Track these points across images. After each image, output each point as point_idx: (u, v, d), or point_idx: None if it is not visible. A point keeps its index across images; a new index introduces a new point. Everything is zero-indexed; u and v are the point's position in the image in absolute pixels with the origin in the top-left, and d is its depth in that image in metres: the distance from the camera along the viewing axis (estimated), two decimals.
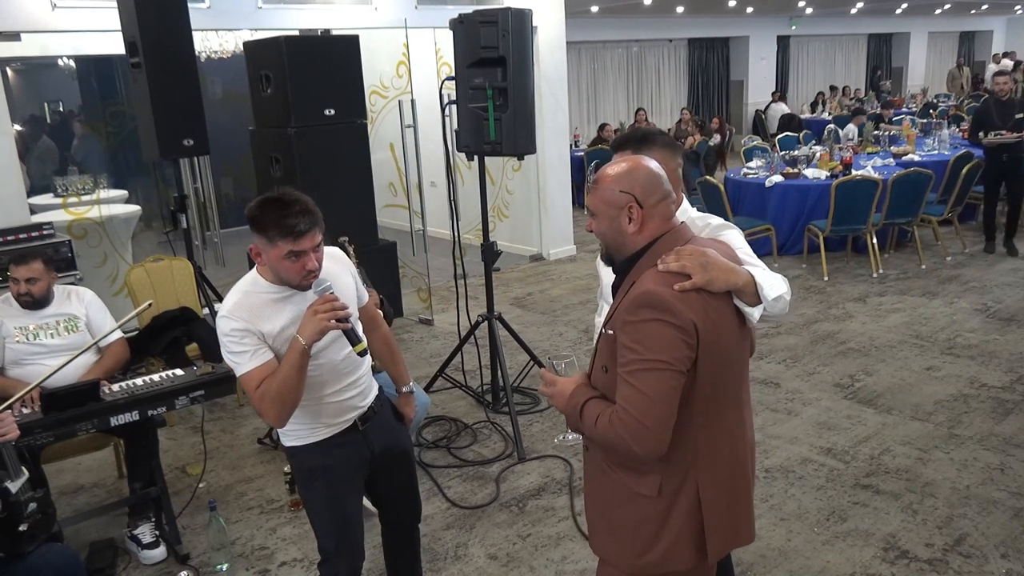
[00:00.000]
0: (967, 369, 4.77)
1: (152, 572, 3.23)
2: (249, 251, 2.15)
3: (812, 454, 3.87)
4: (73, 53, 7.96)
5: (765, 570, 3.03)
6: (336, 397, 2.28)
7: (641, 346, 1.61)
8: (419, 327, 6.12)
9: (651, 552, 1.75)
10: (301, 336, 2.04)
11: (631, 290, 1.69)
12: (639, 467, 1.73)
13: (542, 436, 4.22)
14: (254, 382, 2.09)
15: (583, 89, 15.25)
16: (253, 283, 2.17)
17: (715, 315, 1.66)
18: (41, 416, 2.84)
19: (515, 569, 3.12)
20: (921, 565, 3.00)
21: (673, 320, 1.60)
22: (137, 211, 6.28)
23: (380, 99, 6.83)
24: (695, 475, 1.73)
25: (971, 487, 3.51)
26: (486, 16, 3.82)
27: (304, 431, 2.28)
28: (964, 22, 21.75)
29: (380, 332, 2.56)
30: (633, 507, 1.76)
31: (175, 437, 4.41)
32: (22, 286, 3.32)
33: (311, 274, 2.10)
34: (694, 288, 1.63)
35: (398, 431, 2.51)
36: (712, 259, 1.67)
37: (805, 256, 7.17)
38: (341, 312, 2.06)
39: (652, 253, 1.72)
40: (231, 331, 2.09)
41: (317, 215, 2.09)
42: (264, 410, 2.11)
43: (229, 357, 2.13)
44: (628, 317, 1.65)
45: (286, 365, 2.06)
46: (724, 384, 1.75)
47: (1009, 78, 6.88)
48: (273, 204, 2.05)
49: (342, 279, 2.27)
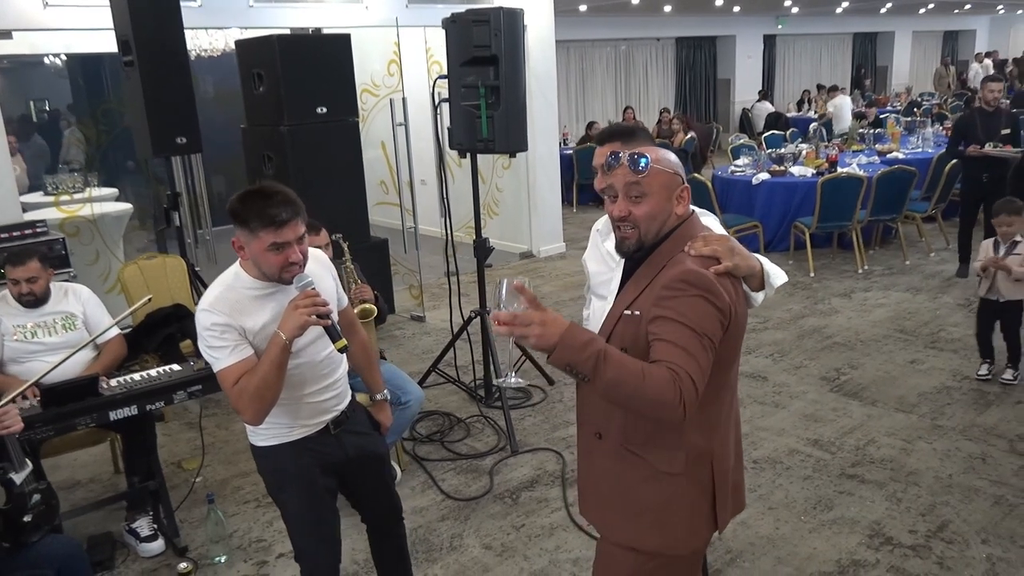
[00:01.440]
0: (950, 362, 4.87)
1: (151, 564, 3.27)
2: (232, 244, 2.11)
3: (799, 445, 3.95)
4: (63, 51, 7.94)
5: (754, 557, 3.10)
6: (314, 398, 2.26)
7: (688, 320, 1.62)
8: (411, 324, 6.16)
9: (679, 528, 1.79)
10: (282, 331, 2.02)
11: (663, 271, 1.71)
12: (665, 443, 1.75)
13: (534, 430, 4.28)
14: (232, 378, 2.06)
15: (571, 88, 15.33)
16: (235, 277, 2.15)
17: (739, 299, 1.75)
18: (40, 411, 2.87)
19: (510, 559, 3.18)
20: (905, 551, 3.08)
21: (716, 301, 1.66)
22: (129, 209, 6.29)
23: (371, 97, 6.88)
24: (711, 450, 1.79)
25: (953, 476, 3.59)
26: (479, 15, 3.87)
27: (279, 431, 2.25)
28: (948, 21, 21.98)
29: (358, 338, 2.52)
30: (657, 487, 1.77)
31: (170, 433, 4.44)
32: (23, 286, 3.33)
33: (294, 266, 2.07)
34: (725, 271, 1.70)
35: (372, 436, 2.49)
36: (736, 246, 1.75)
37: (792, 252, 7.27)
38: (322, 308, 2.04)
39: (674, 239, 1.76)
40: (212, 325, 2.06)
41: (299, 206, 2.07)
42: (242, 407, 2.07)
43: (208, 352, 2.09)
44: (670, 293, 1.65)
45: (266, 361, 2.03)
46: (734, 364, 1.83)
47: (1001, 86, 6.14)
48: (254, 196, 2.04)
49: (324, 281, 2.26)
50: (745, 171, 7.86)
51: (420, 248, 6.25)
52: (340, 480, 2.39)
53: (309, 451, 2.27)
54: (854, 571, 2.98)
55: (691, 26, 16.48)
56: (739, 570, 3.03)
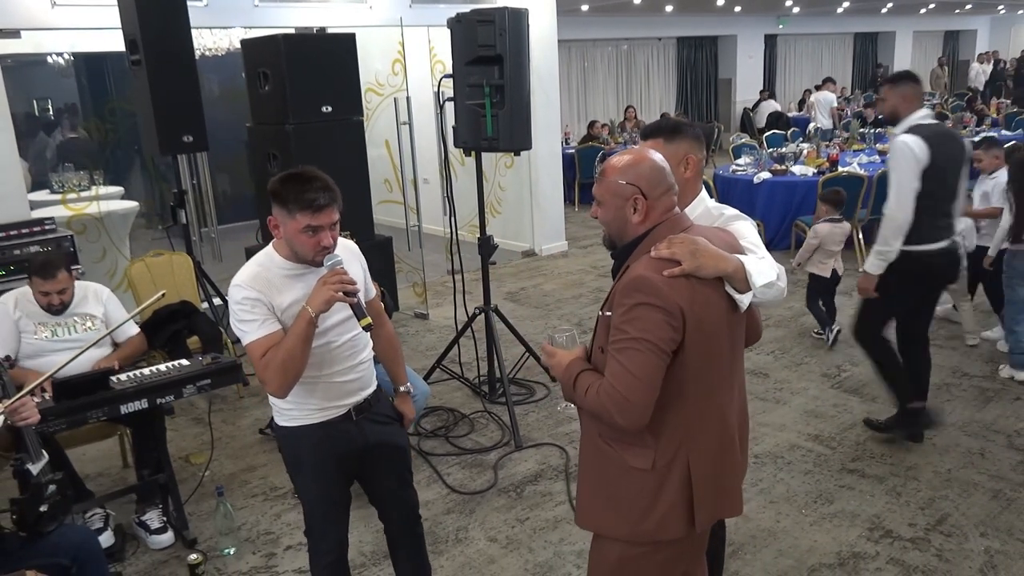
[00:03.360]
0: (950, 359, 4.91)
1: (161, 556, 3.32)
2: (267, 222, 2.21)
3: (800, 440, 4.00)
4: (68, 50, 7.99)
5: (755, 549, 3.14)
6: (337, 378, 2.32)
7: (629, 326, 1.72)
8: (415, 321, 6.21)
9: (646, 521, 1.85)
10: (309, 306, 2.11)
11: (625, 274, 1.79)
12: (633, 442, 1.83)
13: (538, 425, 4.32)
14: (260, 350, 2.15)
15: (573, 87, 15.37)
16: (269, 257, 2.24)
17: (703, 300, 1.76)
18: (53, 404, 2.92)
19: (515, 551, 3.22)
20: (904, 544, 3.13)
21: (660, 303, 1.70)
22: (135, 207, 6.34)
23: (376, 96, 6.91)
24: (686, 451, 1.83)
25: (952, 470, 3.64)
26: (484, 15, 3.91)
27: (301, 412, 2.32)
28: (949, 21, 22.01)
29: (384, 330, 2.60)
30: (628, 480, 1.86)
31: (177, 428, 4.48)
32: (54, 298, 3.38)
33: (325, 250, 2.16)
34: (683, 274, 1.73)
35: (393, 426, 2.53)
36: (702, 247, 1.75)
37: (793, 251, 7.29)
38: (349, 287, 2.13)
39: (648, 240, 1.81)
40: (243, 299, 2.15)
41: (337, 193, 2.17)
42: (267, 379, 2.16)
43: (238, 325, 2.18)
44: (620, 299, 1.76)
45: (292, 334, 2.12)
46: (713, 367, 1.84)
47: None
48: (295, 179, 2.13)
49: (352, 266, 2.33)
50: (746, 170, 7.91)
51: (423, 246, 6.29)
52: (359, 467, 2.45)
53: (329, 435, 2.34)
54: (854, 563, 3.03)
55: (692, 26, 16.52)
56: (741, 562, 3.07)
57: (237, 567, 3.22)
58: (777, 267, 1.91)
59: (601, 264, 7.36)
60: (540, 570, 3.10)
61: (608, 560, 1.95)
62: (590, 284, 6.97)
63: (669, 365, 1.74)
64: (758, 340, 2.09)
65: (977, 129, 9.97)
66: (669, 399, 1.77)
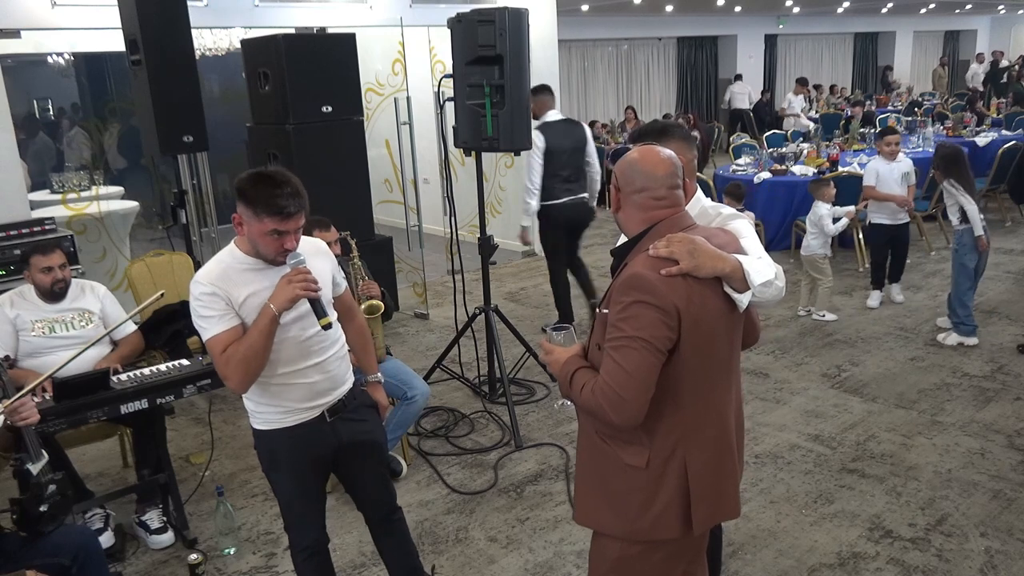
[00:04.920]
0: (950, 359, 4.91)
1: (161, 556, 3.32)
2: (232, 219, 2.22)
3: (800, 440, 4.00)
4: (68, 50, 7.98)
5: (755, 549, 3.14)
6: (302, 378, 2.33)
7: (625, 324, 1.73)
8: (415, 321, 6.21)
9: (641, 519, 1.85)
10: (272, 303, 2.14)
11: (622, 272, 1.80)
12: (629, 439, 1.84)
13: (538, 425, 4.32)
14: (220, 346, 2.17)
15: (573, 87, 15.35)
16: (230, 253, 2.27)
17: (699, 299, 1.76)
18: (53, 404, 2.92)
19: (515, 551, 3.22)
20: (904, 543, 3.13)
21: (655, 302, 1.71)
22: (135, 207, 6.34)
23: (376, 96, 6.91)
24: (683, 450, 1.83)
25: (952, 471, 3.64)
26: (484, 15, 3.91)
27: (273, 415, 2.34)
28: (949, 21, 22.00)
29: (356, 322, 2.65)
30: (624, 477, 1.86)
31: (177, 428, 4.48)
32: (57, 272, 3.41)
33: (287, 253, 2.20)
34: (680, 273, 1.73)
35: (368, 423, 2.54)
36: (700, 246, 1.75)
37: (793, 251, 7.30)
38: (312, 285, 2.17)
39: (647, 238, 1.82)
40: (200, 295, 2.18)
41: (305, 199, 2.19)
42: (228, 374, 2.18)
43: (198, 321, 2.21)
44: (617, 297, 1.77)
45: (254, 330, 2.15)
46: (710, 367, 1.84)
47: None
48: (266, 181, 2.13)
49: (316, 263, 2.34)
50: (747, 170, 7.90)
51: (423, 246, 6.29)
52: (334, 464, 2.50)
53: (302, 438, 2.37)
54: (854, 563, 3.03)
55: (692, 26, 16.50)
56: (741, 562, 3.07)
57: (237, 567, 3.22)
58: (775, 266, 1.90)
59: (601, 264, 7.35)
60: (540, 570, 3.10)
61: (608, 558, 1.96)
62: None
63: (665, 364, 1.75)
64: (756, 342, 2.10)
65: (977, 129, 9.94)
66: (665, 398, 1.78)
